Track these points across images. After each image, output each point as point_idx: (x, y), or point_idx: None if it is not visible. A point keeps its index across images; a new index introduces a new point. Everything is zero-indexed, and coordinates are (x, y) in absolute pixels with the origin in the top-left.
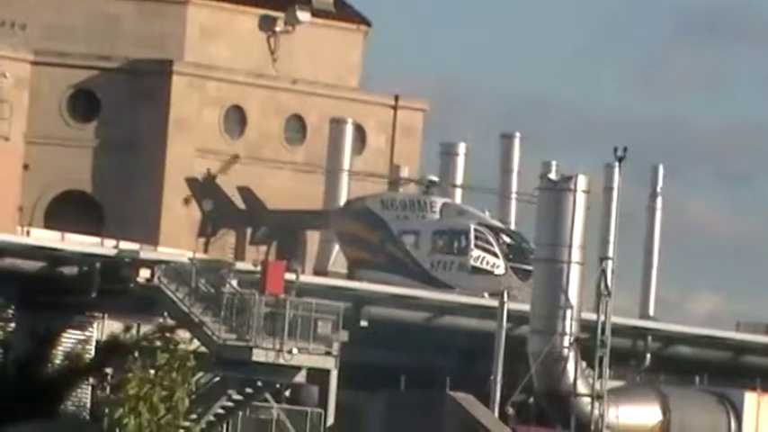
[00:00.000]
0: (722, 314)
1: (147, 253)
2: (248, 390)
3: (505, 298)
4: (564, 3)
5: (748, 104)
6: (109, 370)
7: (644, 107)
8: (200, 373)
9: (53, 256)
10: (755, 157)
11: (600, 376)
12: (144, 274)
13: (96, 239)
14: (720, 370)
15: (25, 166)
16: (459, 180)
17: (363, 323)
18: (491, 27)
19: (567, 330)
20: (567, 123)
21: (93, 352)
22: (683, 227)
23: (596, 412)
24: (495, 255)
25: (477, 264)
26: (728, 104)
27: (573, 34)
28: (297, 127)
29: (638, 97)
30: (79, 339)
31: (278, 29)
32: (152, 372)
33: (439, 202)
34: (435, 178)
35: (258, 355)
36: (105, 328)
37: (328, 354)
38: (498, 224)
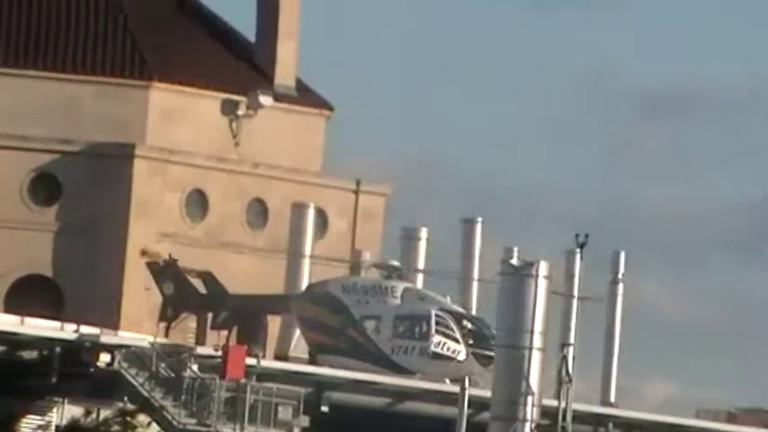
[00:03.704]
0: (679, 401)
1: (107, 337)
2: None
3: (467, 384)
4: (524, 88)
5: (705, 187)
6: None
7: (603, 191)
8: None
9: (13, 340)
10: (711, 241)
11: None
12: (104, 358)
13: (56, 323)
14: None
15: None
16: (420, 265)
17: (324, 408)
18: (453, 112)
19: (529, 416)
20: (528, 208)
21: None
22: (642, 313)
23: None
24: (456, 340)
25: (438, 349)
26: (688, 188)
27: (534, 119)
28: (258, 211)
29: (597, 182)
30: (39, 424)
31: (240, 113)
32: None
33: (400, 286)
34: (397, 263)
35: None
36: (65, 412)
37: None
38: (460, 309)
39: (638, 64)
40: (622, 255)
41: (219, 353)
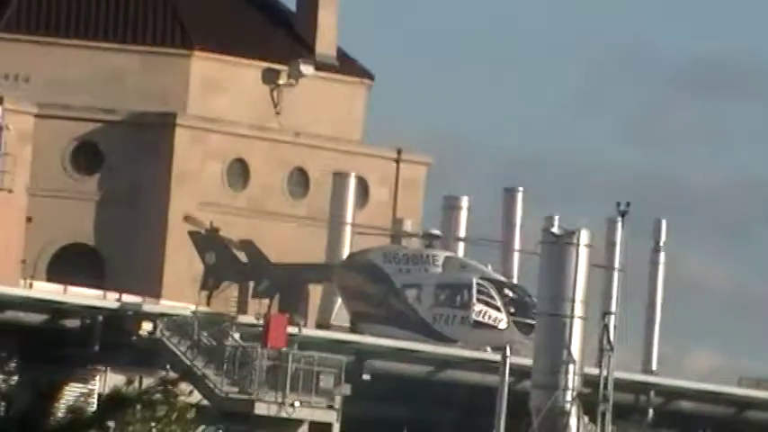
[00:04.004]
0: (723, 369)
1: (149, 306)
2: None
3: (508, 352)
4: (564, 57)
5: (746, 159)
6: (111, 423)
7: (643, 161)
8: (203, 427)
9: (56, 309)
10: (754, 211)
11: (602, 431)
12: (146, 327)
13: (99, 292)
14: (723, 425)
15: (28, 219)
16: (461, 234)
17: (366, 377)
18: (493, 82)
19: (570, 385)
20: (568, 178)
21: (95, 405)
22: (684, 282)
23: None
24: (497, 309)
25: (480, 318)
26: (727, 159)
27: (572, 89)
28: (299, 180)
29: (637, 152)
30: (81, 392)
31: (281, 82)
32: (153, 424)
33: (441, 255)
34: (438, 232)
35: (260, 409)
36: (108, 380)
37: (330, 407)
38: (501, 278)
39: (672, 35)
40: (664, 223)
41: (261, 321)
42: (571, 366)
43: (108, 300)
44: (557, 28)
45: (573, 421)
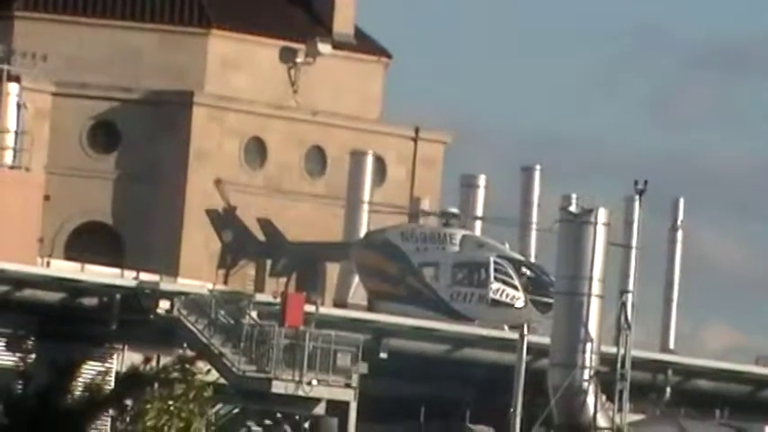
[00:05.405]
0: (740, 348)
1: (166, 284)
2: (267, 421)
3: (525, 330)
4: (582, 36)
5: (763, 138)
6: (128, 401)
7: (660, 141)
8: (220, 405)
9: (73, 288)
10: None
11: (620, 410)
12: (164, 305)
13: (116, 271)
14: (741, 404)
15: (46, 198)
16: (479, 212)
17: (383, 355)
18: (511, 60)
19: (587, 363)
20: (585, 156)
21: (112, 383)
22: (701, 260)
23: None
24: (515, 287)
25: (497, 296)
26: (744, 138)
27: (590, 68)
28: (317, 158)
29: (654, 131)
30: (99, 370)
31: (298, 60)
32: (170, 402)
33: (459, 234)
34: (456, 210)
35: (278, 387)
36: (125, 359)
37: (348, 386)
38: (518, 256)
39: (688, 15)
40: (681, 201)
41: (278, 300)
42: (589, 345)
43: (125, 278)
44: (574, 8)
45: (590, 399)
